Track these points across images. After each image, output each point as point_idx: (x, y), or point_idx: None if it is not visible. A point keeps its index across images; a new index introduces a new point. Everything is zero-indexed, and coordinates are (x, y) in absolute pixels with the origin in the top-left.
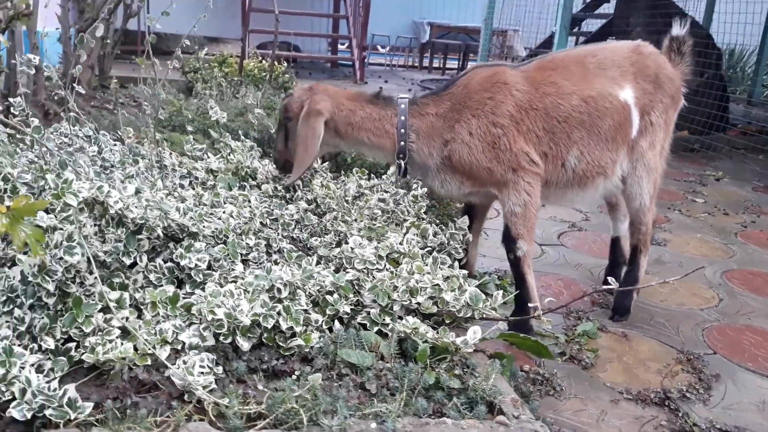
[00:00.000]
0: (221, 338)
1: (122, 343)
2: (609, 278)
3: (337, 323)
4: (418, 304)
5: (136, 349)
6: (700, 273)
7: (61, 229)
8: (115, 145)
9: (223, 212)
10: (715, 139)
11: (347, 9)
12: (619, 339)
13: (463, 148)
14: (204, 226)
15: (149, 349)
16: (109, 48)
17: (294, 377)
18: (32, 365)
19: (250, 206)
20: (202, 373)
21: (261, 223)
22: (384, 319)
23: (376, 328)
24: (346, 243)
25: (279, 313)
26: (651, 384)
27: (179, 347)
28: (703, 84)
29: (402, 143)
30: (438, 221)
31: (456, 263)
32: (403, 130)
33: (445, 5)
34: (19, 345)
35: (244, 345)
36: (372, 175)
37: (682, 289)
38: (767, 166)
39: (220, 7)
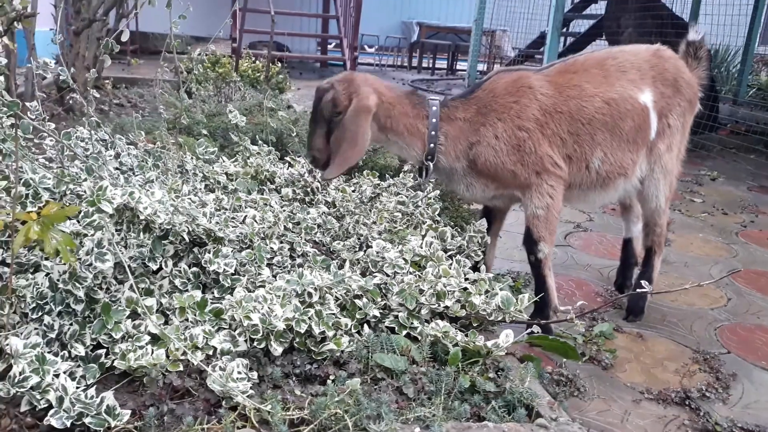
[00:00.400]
0: (255, 343)
1: (153, 350)
2: (642, 282)
3: (365, 327)
4: (446, 307)
5: (167, 355)
6: (707, 273)
7: (86, 235)
8: (129, 148)
9: (246, 216)
10: (707, 139)
11: (338, 9)
12: (635, 339)
13: (488, 150)
14: (229, 231)
15: (181, 354)
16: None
17: (330, 382)
18: (65, 372)
19: (272, 210)
20: (239, 378)
21: (284, 227)
22: (412, 323)
23: (404, 332)
24: (369, 246)
25: (311, 318)
26: (670, 384)
27: (210, 352)
28: None
29: (432, 145)
30: (453, 224)
31: (483, 267)
32: (434, 132)
33: (433, 6)
34: (49, 352)
35: (278, 350)
36: (384, 177)
37: (691, 289)
38: (759, 165)
39: (208, 7)
